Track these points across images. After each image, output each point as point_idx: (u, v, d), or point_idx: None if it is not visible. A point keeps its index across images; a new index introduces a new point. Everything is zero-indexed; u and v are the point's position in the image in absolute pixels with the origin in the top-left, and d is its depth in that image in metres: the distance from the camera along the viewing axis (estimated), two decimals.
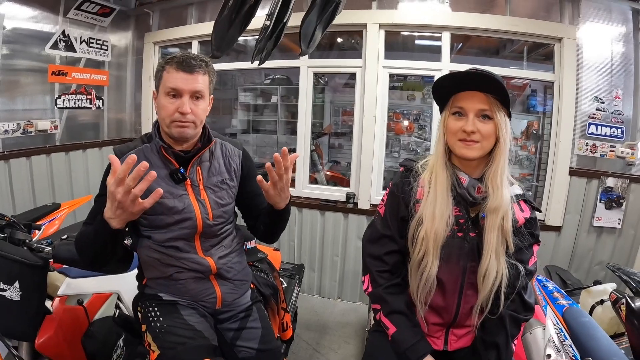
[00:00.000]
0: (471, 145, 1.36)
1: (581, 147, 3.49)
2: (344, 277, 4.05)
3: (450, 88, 1.41)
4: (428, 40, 4.03)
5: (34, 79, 3.77)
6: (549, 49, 3.58)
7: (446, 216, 1.40)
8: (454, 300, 1.49)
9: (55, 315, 1.81)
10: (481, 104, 1.34)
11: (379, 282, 1.54)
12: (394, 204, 1.54)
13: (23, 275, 1.65)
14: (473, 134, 1.34)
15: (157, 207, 1.54)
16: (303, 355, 3.09)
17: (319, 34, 2.65)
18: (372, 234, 1.59)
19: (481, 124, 1.35)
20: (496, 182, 1.37)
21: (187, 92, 1.52)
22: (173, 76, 1.51)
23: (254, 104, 6.22)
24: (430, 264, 1.41)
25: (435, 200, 1.41)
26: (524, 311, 1.49)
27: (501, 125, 1.34)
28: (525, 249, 1.47)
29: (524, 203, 1.50)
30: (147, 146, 1.61)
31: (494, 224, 1.37)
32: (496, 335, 1.46)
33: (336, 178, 4.91)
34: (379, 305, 1.54)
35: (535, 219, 1.51)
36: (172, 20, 4.55)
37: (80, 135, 4.32)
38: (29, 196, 3.75)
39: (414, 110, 4.76)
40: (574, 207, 3.57)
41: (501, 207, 1.36)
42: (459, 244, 1.44)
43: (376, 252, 1.56)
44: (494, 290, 1.39)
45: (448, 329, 1.56)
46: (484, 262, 1.38)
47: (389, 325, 1.49)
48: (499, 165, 1.37)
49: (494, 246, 1.38)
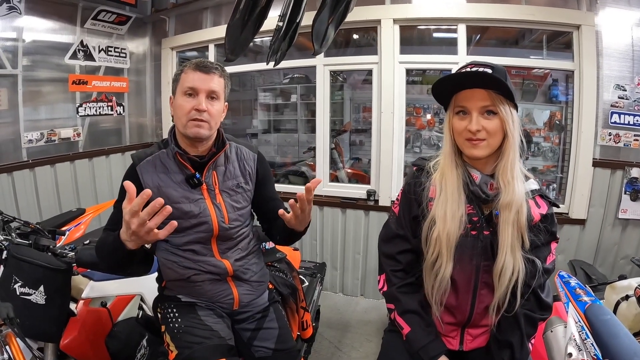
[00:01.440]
0: (478, 144, 1.33)
1: (604, 137, 3.38)
2: (366, 274, 4.05)
3: (450, 88, 1.38)
4: (444, 33, 3.98)
5: (55, 89, 3.89)
6: (568, 37, 3.49)
7: (458, 216, 1.37)
8: (467, 299, 1.46)
9: (80, 317, 1.86)
10: (483, 100, 1.31)
11: (393, 282, 1.52)
12: (407, 203, 1.52)
13: (47, 279, 1.70)
14: (478, 132, 1.31)
15: (174, 211, 1.56)
16: (325, 353, 3.10)
17: (332, 33, 2.64)
18: (387, 233, 1.58)
19: (486, 121, 1.31)
20: (507, 177, 1.34)
21: (203, 91, 1.55)
22: (190, 76, 1.56)
23: (274, 103, 6.23)
24: (444, 265, 1.39)
25: (447, 200, 1.39)
26: (539, 310, 1.45)
27: (507, 119, 1.30)
28: (542, 246, 1.43)
29: (541, 198, 1.45)
30: (163, 152, 1.64)
31: (508, 220, 1.34)
32: (510, 334, 1.43)
33: (358, 175, 4.89)
34: (393, 304, 1.52)
35: (553, 215, 1.46)
36: (188, 25, 4.62)
37: (103, 142, 4.43)
38: (54, 203, 3.87)
39: (434, 104, 4.71)
40: (598, 200, 3.46)
41: (514, 202, 1.33)
42: (472, 243, 1.40)
43: (390, 251, 1.55)
44: (510, 286, 1.35)
45: (463, 329, 1.53)
46: (500, 259, 1.35)
47: (403, 325, 1.48)
48: (509, 160, 1.34)
49: (509, 242, 1.34)
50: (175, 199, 1.58)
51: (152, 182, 1.57)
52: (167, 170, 1.61)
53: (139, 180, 1.56)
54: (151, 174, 1.59)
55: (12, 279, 1.68)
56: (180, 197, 1.59)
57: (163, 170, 1.61)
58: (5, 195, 3.49)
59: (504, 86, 1.28)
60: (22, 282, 1.67)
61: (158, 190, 1.56)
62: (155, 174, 1.60)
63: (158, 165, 1.61)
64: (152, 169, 1.60)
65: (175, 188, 1.60)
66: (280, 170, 5.16)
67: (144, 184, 1.56)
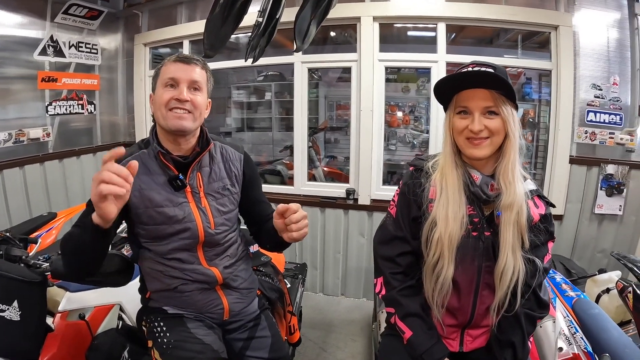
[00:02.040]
0: (480, 144, 1.33)
1: (580, 134, 3.47)
2: (346, 273, 4.04)
3: (452, 87, 1.38)
4: (422, 32, 4.01)
5: (23, 87, 3.72)
6: (543, 37, 3.57)
7: (460, 217, 1.37)
8: (469, 301, 1.46)
9: (58, 332, 1.76)
10: (485, 100, 1.31)
11: (393, 285, 1.50)
12: (405, 205, 1.50)
13: (21, 293, 1.59)
14: (480, 132, 1.31)
15: (156, 216, 1.51)
16: (310, 354, 3.08)
17: (314, 29, 2.59)
18: (384, 235, 1.56)
19: (488, 120, 1.31)
20: (508, 177, 1.34)
21: (184, 81, 1.48)
22: (170, 68, 1.50)
23: (247, 101, 6.18)
24: (446, 267, 1.38)
25: (448, 201, 1.38)
26: (538, 309, 1.47)
27: (508, 119, 1.31)
28: (541, 246, 1.44)
29: (539, 199, 1.46)
30: (144, 152, 1.55)
31: (509, 220, 1.34)
32: (512, 334, 1.43)
33: (334, 174, 4.87)
34: (393, 308, 1.50)
35: (550, 215, 1.47)
36: (162, 20, 4.49)
37: (74, 142, 4.27)
38: (24, 207, 3.71)
39: (409, 102, 4.73)
40: (575, 196, 3.56)
41: (515, 203, 1.33)
42: (474, 244, 1.40)
43: (389, 253, 1.52)
44: (511, 286, 1.36)
45: (463, 330, 1.53)
46: (502, 260, 1.35)
47: (404, 329, 1.46)
48: (510, 160, 1.34)
49: (510, 243, 1.34)
50: (158, 202, 1.50)
51: (133, 185, 1.47)
52: (149, 171, 1.52)
53: None
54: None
55: None
56: (164, 200, 1.51)
57: (144, 171, 1.51)
58: None
59: (507, 86, 1.28)
60: None
61: (140, 193, 1.48)
62: (136, 175, 1.49)
63: (139, 166, 1.50)
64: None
65: (158, 191, 1.51)
66: None
67: None
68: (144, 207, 1.50)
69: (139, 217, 1.51)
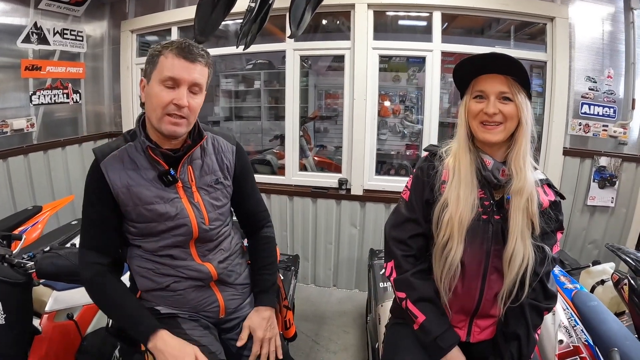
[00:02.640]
0: (494, 129, 1.37)
1: (574, 126, 3.48)
2: (338, 264, 4.02)
3: (471, 72, 1.41)
4: (415, 21, 3.96)
5: (6, 76, 3.59)
6: (535, 28, 3.56)
7: (471, 200, 1.39)
8: (476, 285, 1.45)
9: (45, 335, 1.70)
10: (501, 86, 1.35)
11: (405, 268, 1.50)
12: (419, 187, 1.52)
13: (6, 295, 1.53)
14: (495, 115, 1.35)
15: (147, 214, 1.44)
16: (303, 347, 3.05)
17: (309, 16, 2.55)
18: (397, 218, 1.56)
19: (502, 105, 1.35)
20: (519, 163, 1.37)
21: (185, 83, 1.36)
22: (172, 62, 1.34)
23: (235, 90, 6.10)
24: (454, 248, 1.39)
25: (460, 183, 1.40)
26: (545, 300, 1.46)
27: (522, 106, 1.35)
28: (551, 234, 1.46)
29: (548, 187, 1.49)
30: (131, 145, 1.46)
31: (518, 206, 1.37)
32: (517, 326, 1.43)
33: (324, 163, 4.83)
34: (404, 292, 1.49)
35: (560, 203, 1.50)
36: (149, 6, 4.37)
37: (59, 132, 4.15)
38: (8, 200, 3.60)
39: (400, 91, 4.69)
40: (568, 187, 3.57)
41: (525, 189, 1.36)
42: (484, 227, 1.42)
43: (401, 236, 1.52)
44: (520, 273, 1.37)
45: (472, 320, 1.52)
46: (510, 244, 1.37)
47: (417, 314, 1.45)
48: (521, 147, 1.37)
49: (519, 228, 1.37)
50: (147, 199, 1.42)
51: (120, 181, 1.40)
52: (137, 166, 1.43)
53: (105, 178, 1.39)
54: (118, 172, 1.40)
55: None
56: (154, 197, 1.43)
57: (132, 166, 1.43)
58: None
59: (523, 72, 1.33)
60: None
61: (128, 190, 1.40)
62: (123, 171, 1.41)
63: (126, 160, 1.43)
64: (119, 165, 1.41)
65: (147, 187, 1.43)
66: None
67: (110, 183, 1.39)
68: (132, 204, 1.42)
69: (128, 214, 1.44)
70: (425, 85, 3.68)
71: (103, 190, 1.40)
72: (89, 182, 1.43)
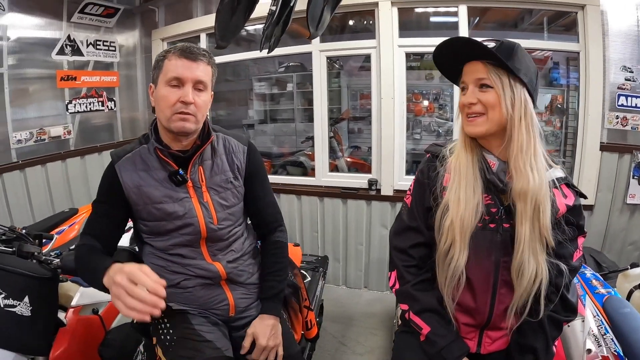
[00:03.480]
0: (474, 121, 1.27)
1: (611, 120, 3.27)
2: (369, 266, 3.97)
3: (451, 63, 1.33)
4: (443, 17, 3.88)
5: (43, 86, 3.77)
6: (570, 19, 3.38)
7: (474, 202, 1.29)
8: (486, 299, 1.36)
9: (69, 327, 1.76)
10: (478, 72, 1.25)
11: (407, 279, 1.43)
12: (420, 192, 1.44)
13: (32, 289, 1.60)
14: (473, 105, 1.26)
15: (156, 212, 1.48)
16: (329, 348, 3.03)
17: (328, 15, 2.52)
18: (398, 226, 1.50)
19: (481, 93, 1.25)
20: (518, 163, 1.24)
21: (190, 81, 1.41)
22: (175, 63, 1.41)
23: (269, 93, 6.13)
24: (457, 255, 1.29)
25: (460, 184, 1.30)
26: (564, 312, 1.36)
27: (502, 93, 1.22)
28: (568, 242, 1.33)
29: (567, 187, 1.35)
30: (144, 147, 1.52)
31: (524, 212, 1.24)
32: (534, 338, 1.34)
33: (357, 164, 4.79)
34: (407, 304, 1.43)
35: (580, 206, 1.36)
36: (178, 14, 4.49)
37: (95, 138, 4.32)
38: (46, 204, 3.78)
39: (433, 89, 4.60)
40: (606, 185, 3.36)
41: (529, 192, 1.23)
42: (491, 236, 1.32)
43: (401, 245, 1.46)
44: (533, 291, 1.27)
45: (482, 331, 1.44)
46: (517, 255, 1.26)
47: (421, 325, 1.38)
48: (517, 144, 1.24)
49: (527, 238, 1.24)
50: (156, 198, 1.47)
51: (131, 182, 1.46)
52: (148, 167, 1.49)
53: (118, 179, 1.46)
54: (130, 173, 1.47)
55: None
56: (163, 196, 1.47)
57: (143, 167, 1.49)
58: None
59: (492, 55, 1.21)
60: (5, 294, 1.56)
61: (138, 190, 1.46)
62: (135, 172, 1.47)
63: (138, 162, 1.49)
64: (131, 166, 1.48)
65: (156, 187, 1.48)
66: (278, 160, 5.07)
67: (123, 183, 1.45)
68: (143, 203, 1.48)
69: (139, 213, 1.50)
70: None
71: (115, 190, 1.47)
72: (103, 181, 1.52)
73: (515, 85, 1.22)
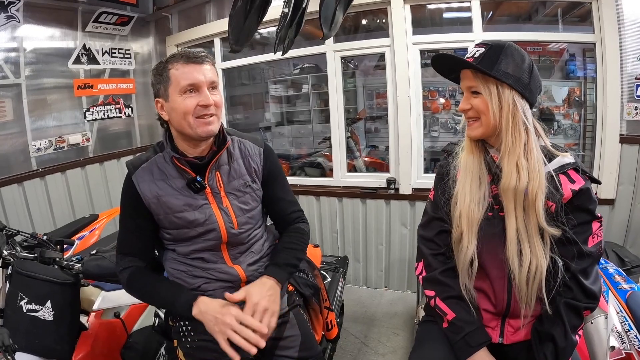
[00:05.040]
0: (471, 125, 1.37)
1: (630, 111, 3.16)
2: (389, 265, 3.93)
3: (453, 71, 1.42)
4: (457, 12, 3.82)
5: (60, 95, 3.84)
6: (584, 9, 3.30)
7: (479, 195, 1.36)
8: (502, 286, 1.40)
9: (92, 331, 1.79)
10: (468, 80, 1.34)
11: (434, 266, 1.48)
12: (440, 185, 1.51)
13: (54, 294, 1.63)
14: (467, 111, 1.35)
15: (177, 221, 1.47)
16: (351, 349, 3.01)
17: (340, 16, 2.52)
18: (424, 219, 1.57)
19: (473, 99, 1.34)
20: (503, 161, 1.31)
21: (205, 84, 1.39)
22: (184, 71, 1.37)
23: (285, 95, 6.14)
24: (466, 244, 1.37)
25: (467, 178, 1.39)
26: (585, 298, 1.32)
27: (489, 99, 1.29)
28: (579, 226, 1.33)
29: (575, 172, 1.34)
30: (160, 156, 1.49)
31: (509, 207, 1.32)
32: (551, 326, 1.32)
33: (375, 163, 4.76)
34: (433, 290, 1.47)
35: (589, 190, 1.34)
36: (192, 20, 4.52)
37: (113, 145, 4.39)
38: (67, 210, 3.85)
39: (449, 86, 4.55)
40: (627, 177, 3.24)
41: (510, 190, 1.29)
42: (501, 225, 1.36)
43: (428, 234, 1.52)
44: (536, 279, 1.30)
45: (504, 319, 1.44)
46: (508, 244, 1.32)
47: (446, 311, 1.41)
48: (505, 144, 1.30)
49: (517, 229, 1.31)
50: (176, 208, 1.45)
51: (150, 192, 1.43)
52: (166, 176, 1.46)
53: (137, 191, 1.44)
54: (148, 183, 1.44)
55: (18, 296, 1.60)
56: (183, 205, 1.45)
57: (161, 177, 1.46)
58: (17, 206, 3.47)
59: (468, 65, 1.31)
60: (28, 299, 1.60)
61: (158, 200, 1.44)
62: (152, 182, 1.45)
63: (155, 172, 1.46)
64: (148, 177, 1.45)
65: (175, 196, 1.45)
66: (296, 162, 5.07)
67: (142, 194, 1.43)
68: (164, 213, 1.46)
69: (161, 222, 1.48)
70: None
71: (137, 201, 1.45)
72: (123, 194, 1.50)
73: (502, 91, 1.28)
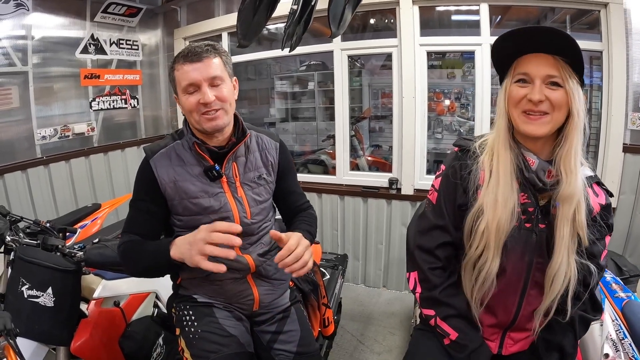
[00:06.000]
0: (538, 120, 1.15)
1: (635, 121, 3.16)
2: (388, 265, 3.94)
3: (512, 50, 1.19)
4: (465, 15, 3.82)
5: (67, 84, 3.86)
6: (592, 17, 3.29)
7: (511, 205, 1.20)
8: (514, 300, 1.31)
9: (91, 318, 1.80)
10: (550, 68, 1.12)
11: (433, 283, 1.34)
12: (450, 190, 1.34)
13: (55, 281, 1.64)
14: (541, 103, 1.13)
15: (192, 207, 1.49)
16: (347, 347, 3.02)
17: (349, 14, 2.52)
18: (423, 224, 1.40)
19: (550, 91, 1.13)
20: (570, 164, 1.16)
21: (204, 82, 1.41)
22: (183, 71, 1.41)
23: (291, 91, 6.13)
24: (490, 261, 1.22)
25: (498, 185, 1.21)
26: (593, 311, 1.32)
27: (573, 94, 1.12)
28: (598, 241, 1.26)
29: (598, 186, 1.29)
30: (178, 143, 1.53)
31: (567, 215, 1.17)
32: (562, 336, 1.30)
33: (378, 163, 4.76)
34: (433, 310, 1.35)
35: (610, 205, 1.29)
36: (200, 13, 4.53)
37: (118, 136, 4.40)
38: (70, 198, 3.87)
39: (455, 88, 4.55)
40: (629, 187, 3.24)
41: (575, 195, 1.16)
42: (526, 237, 1.24)
43: (428, 245, 1.36)
44: (561, 291, 1.20)
45: (505, 332, 1.39)
46: (556, 259, 1.19)
47: (449, 331, 1.32)
48: (573, 145, 1.15)
49: (567, 241, 1.18)
50: (193, 193, 1.48)
51: (167, 176, 1.47)
52: (184, 162, 1.50)
53: (154, 174, 1.47)
54: (166, 168, 1.48)
55: (20, 281, 1.62)
56: (199, 191, 1.48)
57: (179, 162, 1.50)
58: (20, 193, 3.49)
59: (577, 51, 1.11)
60: (29, 285, 1.61)
61: (174, 185, 1.47)
62: (170, 167, 1.48)
63: (173, 157, 1.50)
64: (167, 162, 1.49)
65: (192, 182, 1.48)
66: (300, 159, 5.08)
67: (158, 178, 1.46)
68: (179, 198, 1.48)
69: (174, 208, 1.50)
70: (476, 80, 3.54)
71: (152, 185, 1.48)
72: (139, 177, 1.52)
73: (578, 85, 1.15)
